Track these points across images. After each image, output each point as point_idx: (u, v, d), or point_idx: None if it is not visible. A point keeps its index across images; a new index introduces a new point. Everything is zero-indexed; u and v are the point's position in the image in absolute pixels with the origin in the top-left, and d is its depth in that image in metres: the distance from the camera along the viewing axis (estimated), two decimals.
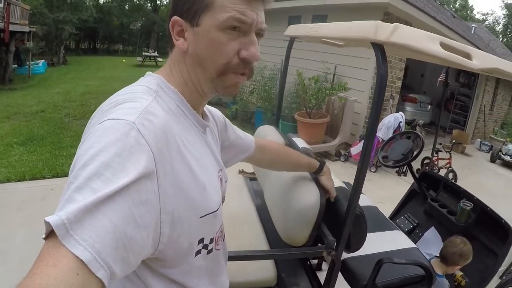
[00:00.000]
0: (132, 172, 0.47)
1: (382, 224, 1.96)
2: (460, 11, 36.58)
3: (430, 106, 8.90)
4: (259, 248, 1.44)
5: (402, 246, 1.76)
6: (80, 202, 0.41)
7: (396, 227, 2.02)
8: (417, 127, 5.82)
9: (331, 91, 5.59)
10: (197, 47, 0.63)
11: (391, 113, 5.69)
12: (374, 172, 5.35)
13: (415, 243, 1.89)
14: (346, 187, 1.46)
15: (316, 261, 2.35)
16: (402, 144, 2.36)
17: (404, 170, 5.36)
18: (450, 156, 5.40)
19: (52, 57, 17.16)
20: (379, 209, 2.12)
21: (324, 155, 5.56)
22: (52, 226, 0.39)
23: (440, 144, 5.40)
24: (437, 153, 5.10)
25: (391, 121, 5.16)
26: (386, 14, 5.39)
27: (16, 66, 12.15)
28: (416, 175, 2.46)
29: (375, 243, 1.65)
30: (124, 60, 20.76)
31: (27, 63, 12.32)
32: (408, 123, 5.88)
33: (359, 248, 1.38)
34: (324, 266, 2.38)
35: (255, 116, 6.98)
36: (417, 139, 2.28)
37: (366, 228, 1.33)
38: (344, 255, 1.39)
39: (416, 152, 2.21)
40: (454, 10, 32.28)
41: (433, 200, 2.33)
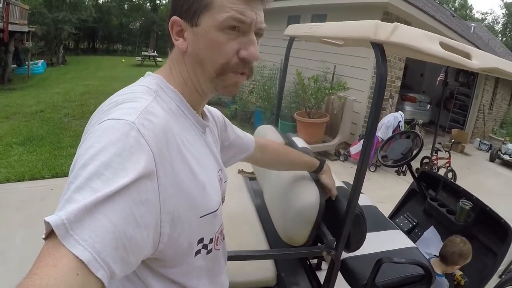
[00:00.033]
0: (132, 172, 0.47)
1: (381, 224, 1.96)
2: (460, 10, 36.60)
3: (429, 106, 8.91)
4: (258, 248, 1.44)
5: (402, 246, 1.76)
6: (80, 202, 0.41)
7: (396, 226, 2.02)
8: (416, 126, 5.82)
9: (330, 91, 5.59)
10: (196, 47, 0.63)
11: (391, 112, 5.70)
12: (374, 171, 5.35)
13: (414, 243, 1.89)
14: (345, 187, 1.46)
15: (315, 260, 2.34)
16: (401, 144, 2.36)
17: (403, 170, 5.36)
18: (450, 156, 5.40)
19: (51, 57, 17.14)
20: (378, 208, 2.12)
21: (324, 155, 5.56)
22: (52, 226, 0.39)
23: (440, 143, 5.42)
24: (436, 152, 5.11)
25: (391, 120, 5.16)
26: (386, 13, 5.39)
27: (15, 66, 12.12)
28: (415, 174, 2.46)
29: (374, 243, 1.64)
30: (123, 60, 20.75)
31: (26, 63, 12.29)
32: (408, 122, 5.88)
33: (358, 248, 1.38)
34: (324, 266, 2.38)
35: (255, 115, 6.97)
36: (416, 139, 2.28)
37: (365, 228, 1.33)
38: (343, 254, 1.39)
39: (416, 152, 2.21)
40: (453, 9, 32.30)
41: (432, 200, 2.33)
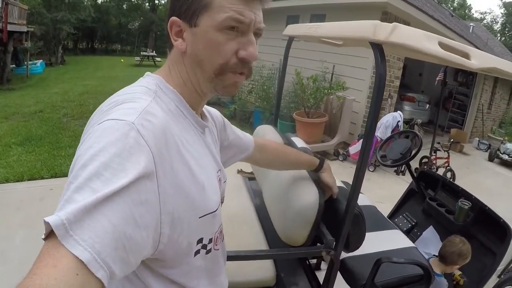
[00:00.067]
0: (132, 173, 0.47)
1: (380, 224, 1.96)
2: (458, 10, 36.65)
3: (428, 105, 8.92)
4: (258, 248, 1.44)
5: (401, 246, 1.76)
6: (80, 202, 0.41)
7: (395, 226, 2.02)
8: (415, 126, 5.82)
9: (329, 91, 5.59)
10: (195, 48, 0.63)
11: (390, 112, 5.70)
12: (373, 171, 5.36)
13: (413, 242, 1.89)
14: (345, 187, 1.46)
15: (315, 260, 2.34)
16: (400, 144, 2.36)
17: (402, 169, 5.37)
18: (448, 155, 5.41)
19: (50, 57, 17.10)
20: (377, 208, 2.13)
21: (323, 155, 5.56)
22: (51, 226, 0.39)
23: (438, 143, 5.42)
24: (435, 152, 5.12)
25: (390, 120, 5.17)
26: (385, 13, 5.39)
27: (14, 66, 12.09)
28: (414, 174, 2.46)
29: (373, 243, 1.65)
30: (122, 60, 20.71)
31: (25, 63, 12.24)
32: (406, 122, 5.89)
33: (358, 248, 1.38)
34: (323, 266, 2.38)
35: (254, 115, 6.97)
36: (415, 138, 2.28)
37: (365, 228, 1.33)
38: (343, 254, 1.40)
39: (415, 152, 2.21)
40: (452, 9, 32.33)
41: (431, 199, 2.33)
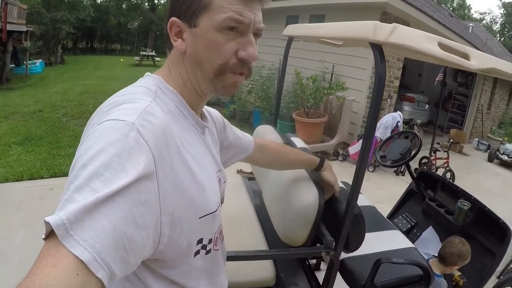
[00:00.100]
0: (132, 173, 0.47)
1: (380, 224, 1.96)
2: (458, 10, 36.68)
3: (428, 106, 8.92)
4: (257, 248, 1.44)
5: (400, 246, 1.76)
6: (80, 202, 0.42)
7: (394, 226, 2.02)
8: (415, 126, 5.83)
9: (329, 91, 5.59)
10: (195, 48, 0.63)
11: (389, 112, 5.70)
12: (372, 171, 5.36)
13: (413, 243, 1.89)
14: (344, 187, 1.46)
15: (314, 261, 2.35)
16: (400, 144, 2.36)
17: (402, 170, 5.37)
18: (448, 156, 5.41)
19: (50, 56, 17.09)
20: (377, 209, 2.13)
21: (322, 155, 5.56)
22: (52, 226, 0.39)
23: (438, 143, 5.43)
24: (435, 152, 5.13)
25: (389, 120, 5.17)
26: (384, 13, 5.39)
27: (13, 65, 12.07)
28: (414, 174, 2.45)
29: (373, 243, 1.65)
30: (121, 60, 20.69)
31: (25, 62, 12.23)
32: (406, 122, 5.89)
33: (357, 248, 1.38)
34: (323, 266, 2.38)
35: (253, 115, 6.97)
36: (415, 139, 2.28)
37: (364, 228, 1.33)
38: (342, 255, 1.39)
39: (414, 152, 2.21)
40: (451, 9, 32.37)
41: (431, 200, 2.33)
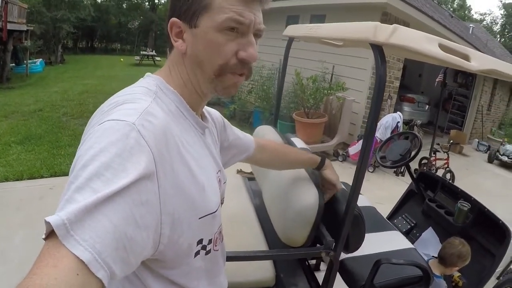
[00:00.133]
0: (132, 173, 0.47)
1: (380, 225, 1.96)
2: (458, 11, 36.67)
3: (428, 106, 8.93)
4: (257, 248, 1.44)
5: (400, 247, 1.76)
6: (81, 202, 0.42)
7: (394, 227, 2.02)
8: (415, 127, 5.83)
9: (329, 91, 5.59)
10: (195, 48, 0.63)
11: (389, 113, 5.70)
12: (372, 172, 5.36)
13: (412, 244, 1.89)
14: (344, 188, 1.46)
15: (314, 261, 2.35)
16: (400, 145, 2.36)
17: (402, 170, 5.37)
18: (448, 157, 5.41)
19: (50, 56, 17.08)
20: (377, 209, 2.13)
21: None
22: (52, 226, 0.39)
23: (438, 144, 5.42)
24: (435, 153, 5.13)
25: (389, 121, 5.17)
26: (385, 14, 5.40)
27: (13, 65, 12.08)
28: (414, 175, 2.45)
29: (373, 244, 1.65)
30: (122, 59, 20.67)
31: (25, 62, 12.22)
32: (406, 123, 5.89)
33: (357, 249, 1.38)
34: (323, 267, 2.38)
35: (253, 115, 6.97)
36: (415, 140, 2.28)
37: (364, 229, 1.33)
38: (342, 255, 1.39)
39: (414, 153, 2.21)
40: (452, 10, 32.36)
41: (430, 201, 2.33)
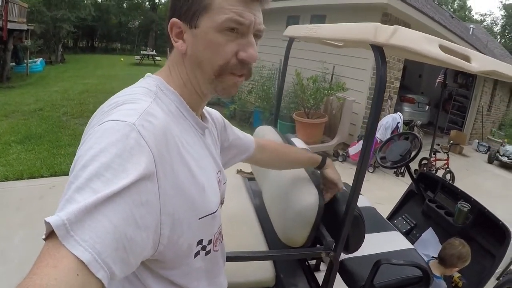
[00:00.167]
0: (133, 173, 0.47)
1: (380, 225, 1.96)
2: (458, 12, 36.66)
3: (428, 107, 8.93)
4: (257, 248, 1.44)
5: (400, 247, 1.76)
6: (81, 202, 0.41)
7: (394, 228, 2.02)
8: (415, 127, 5.83)
9: (329, 91, 5.59)
10: (195, 49, 0.63)
11: (389, 113, 5.71)
12: (372, 172, 5.36)
13: (412, 244, 1.89)
14: (344, 188, 1.46)
15: (314, 261, 2.35)
16: (400, 145, 2.36)
17: (402, 171, 5.37)
18: (448, 157, 5.42)
19: (50, 55, 17.08)
20: (377, 209, 2.13)
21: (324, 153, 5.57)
22: (52, 226, 0.39)
23: (438, 145, 5.42)
24: (435, 153, 5.13)
25: (389, 121, 5.17)
26: (385, 14, 5.39)
27: (14, 64, 12.08)
28: (414, 176, 2.45)
29: (373, 244, 1.65)
30: (122, 59, 20.68)
31: (25, 61, 12.23)
32: (406, 123, 5.89)
33: (357, 249, 1.38)
34: (322, 267, 2.38)
35: (253, 115, 6.97)
36: (415, 140, 2.28)
37: (364, 229, 1.33)
38: (342, 255, 1.39)
39: (414, 153, 2.21)
40: (452, 10, 32.37)
41: (430, 201, 2.33)
